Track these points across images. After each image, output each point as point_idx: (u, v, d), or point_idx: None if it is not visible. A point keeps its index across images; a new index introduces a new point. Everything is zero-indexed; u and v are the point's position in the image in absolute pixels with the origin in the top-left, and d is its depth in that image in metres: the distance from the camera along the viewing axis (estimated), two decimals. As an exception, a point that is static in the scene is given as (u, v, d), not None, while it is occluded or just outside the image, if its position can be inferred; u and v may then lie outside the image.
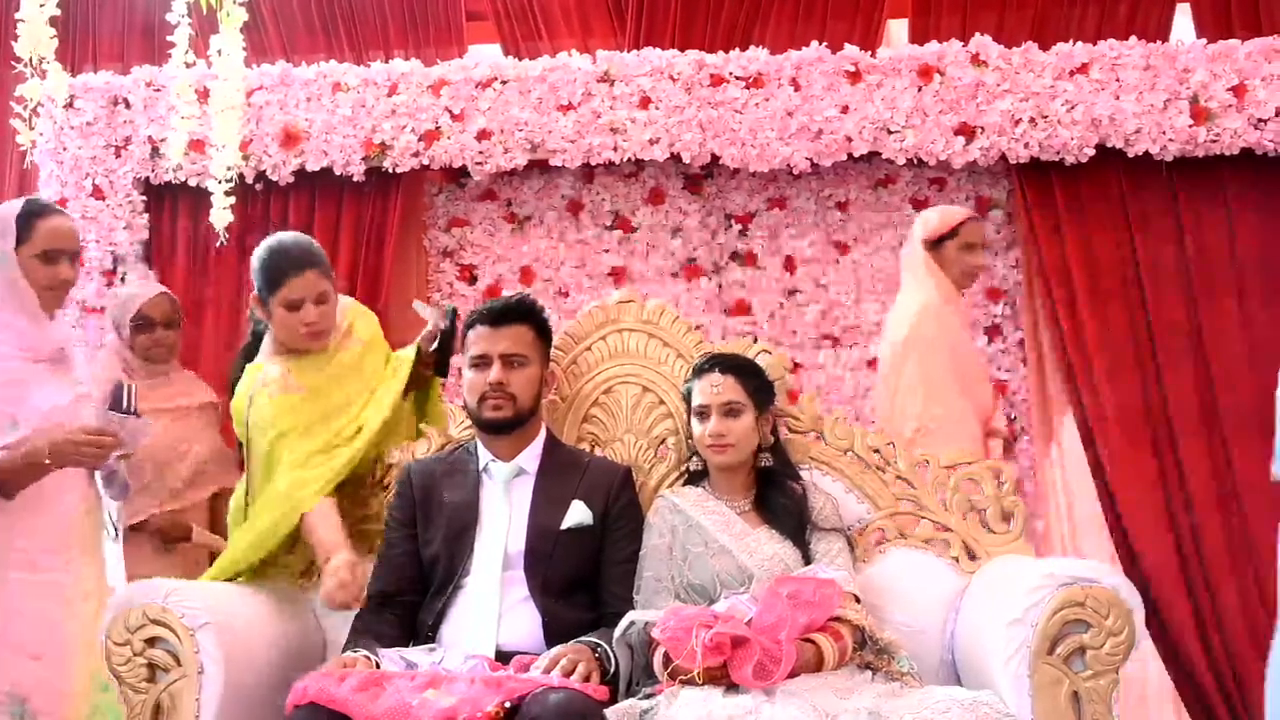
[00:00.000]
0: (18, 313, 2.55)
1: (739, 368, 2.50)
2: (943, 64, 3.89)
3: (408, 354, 2.80)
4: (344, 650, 2.28)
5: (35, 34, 2.61)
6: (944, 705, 2.00)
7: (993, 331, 4.09)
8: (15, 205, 2.62)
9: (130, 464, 2.88)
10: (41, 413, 2.50)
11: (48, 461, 2.42)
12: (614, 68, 3.92)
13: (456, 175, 4.21)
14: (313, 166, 3.94)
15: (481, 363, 2.46)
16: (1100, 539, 3.91)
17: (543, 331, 2.53)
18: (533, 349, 2.49)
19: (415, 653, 2.24)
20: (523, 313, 2.50)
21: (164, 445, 3.18)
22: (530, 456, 2.49)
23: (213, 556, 3.23)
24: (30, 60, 2.66)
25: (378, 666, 2.16)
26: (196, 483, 3.25)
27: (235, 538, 2.65)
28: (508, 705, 1.97)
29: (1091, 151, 3.83)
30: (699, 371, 2.52)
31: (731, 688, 2.07)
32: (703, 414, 2.46)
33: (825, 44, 3.94)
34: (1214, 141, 3.81)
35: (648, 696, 2.11)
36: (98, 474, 2.63)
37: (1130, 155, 3.85)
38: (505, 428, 2.46)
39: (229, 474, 3.27)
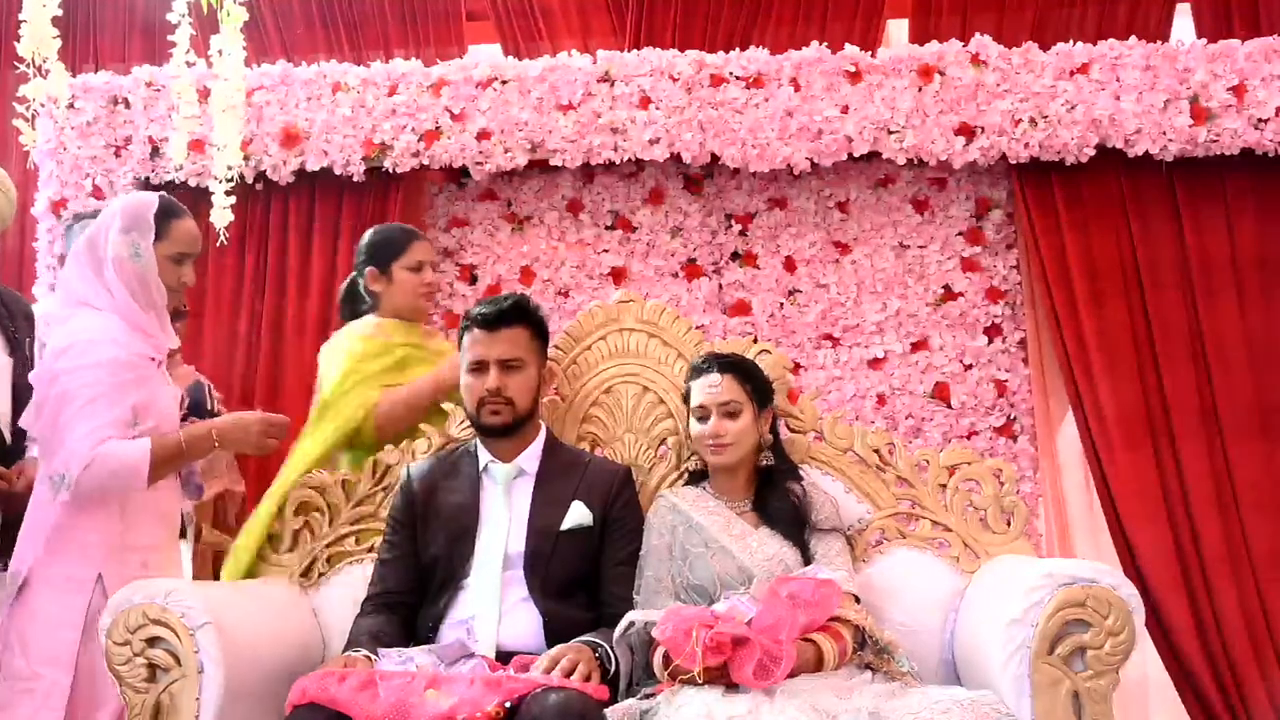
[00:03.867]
0: (148, 308, 2.57)
1: (737, 367, 2.50)
2: (943, 64, 3.89)
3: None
4: (344, 650, 2.29)
5: (38, 34, 2.62)
6: (944, 705, 2.00)
7: (993, 331, 4.09)
8: (151, 199, 2.61)
9: None
10: (157, 412, 2.54)
11: (216, 443, 2.55)
12: (614, 68, 3.92)
13: (456, 175, 4.21)
14: (313, 166, 3.94)
15: (478, 368, 2.46)
16: (1100, 539, 3.91)
17: (539, 331, 2.53)
18: (529, 351, 2.49)
19: (415, 653, 2.24)
20: (518, 315, 2.49)
21: None
22: (530, 457, 2.49)
23: (217, 555, 3.23)
24: (33, 60, 2.66)
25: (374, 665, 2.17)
26: (204, 481, 3.22)
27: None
28: (508, 705, 1.97)
29: (1091, 152, 3.83)
30: (697, 371, 2.52)
31: (731, 688, 2.07)
32: (702, 414, 2.47)
33: (825, 44, 3.94)
34: (1214, 141, 3.81)
35: (648, 696, 2.11)
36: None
37: (1130, 155, 3.85)
38: (504, 432, 2.46)
39: (233, 475, 3.27)
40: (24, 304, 3.09)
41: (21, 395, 2.86)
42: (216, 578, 3.18)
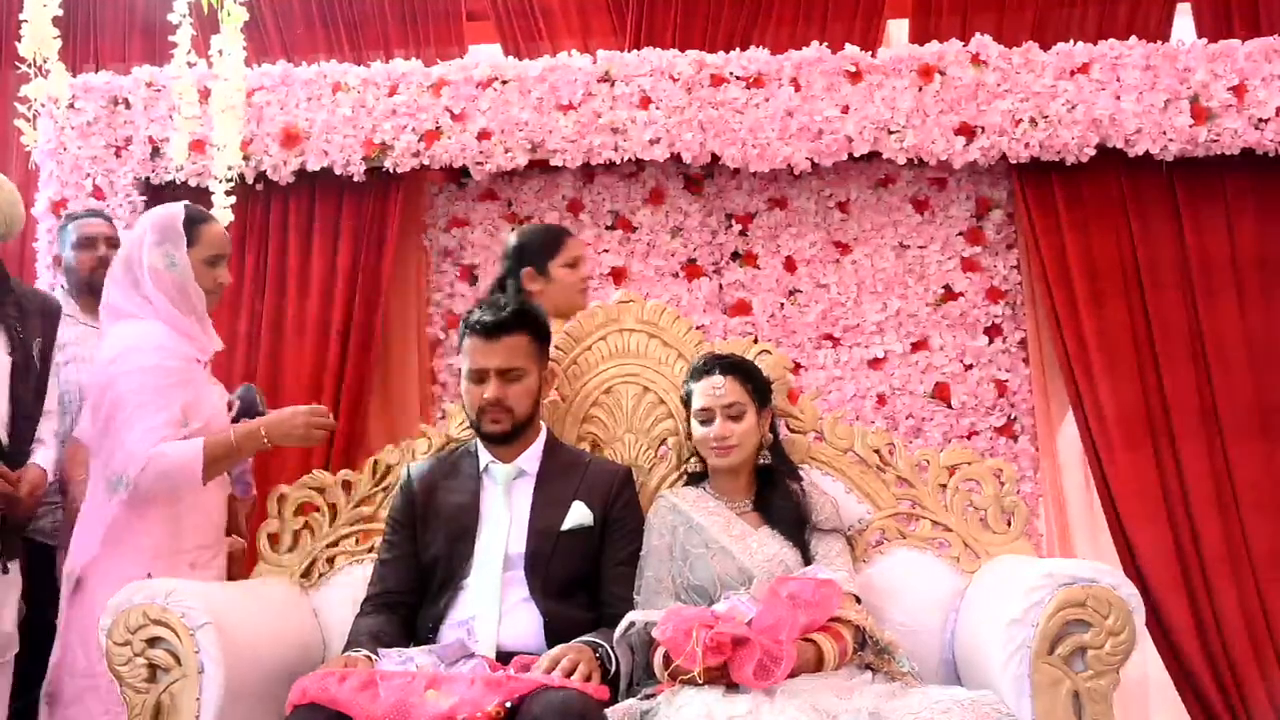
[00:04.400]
0: (189, 314, 2.68)
1: (739, 368, 2.50)
2: (943, 64, 3.89)
3: None
4: (344, 650, 2.29)
5: (39, 34, 2.62)
6: (944, 705, 2.00)
7: (993, 331, 4.09)
8: (177, 210, 2.71)
9: None
10: (205, 412, 2.63)
11: (265, 439, 2.60)
12: (614, 68, 3.92)
13: (457, 175, 4.21)
14: (313, 166, 3.94)
15: (478, 377, 2.44)
16: (1100, 539, 3.91)
17: (539, 336, 2.50)
18: (529, 359, 2.46)
19: (415, 653, 2.24)
20: (517, 322, 2.45)
21: None
22: (531, 458, 2.49)
23: (231, 557, 3.23)
24: (33, 60, 2.66)
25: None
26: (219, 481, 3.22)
27: None
28: (508, 705, 1.97)
29: (1092, 151, 3.84)
30: (698, 373, 2.51)
31: (732, 688, 2.07)
32: (705, 417, 2.46)
33: (825, 44, 3.95)
34: (1214, 141, 3.81)
35: (648, 697, 2.11)
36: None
37: (1130, 155, 3.85)
38: (504, 439, 2.46)
39: (242, 478, 3.27)
40: (43, 301, 3.07)
41: (20, 396, 2.86)
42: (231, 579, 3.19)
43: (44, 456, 2.92)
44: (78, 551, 2.59)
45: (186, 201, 2.77)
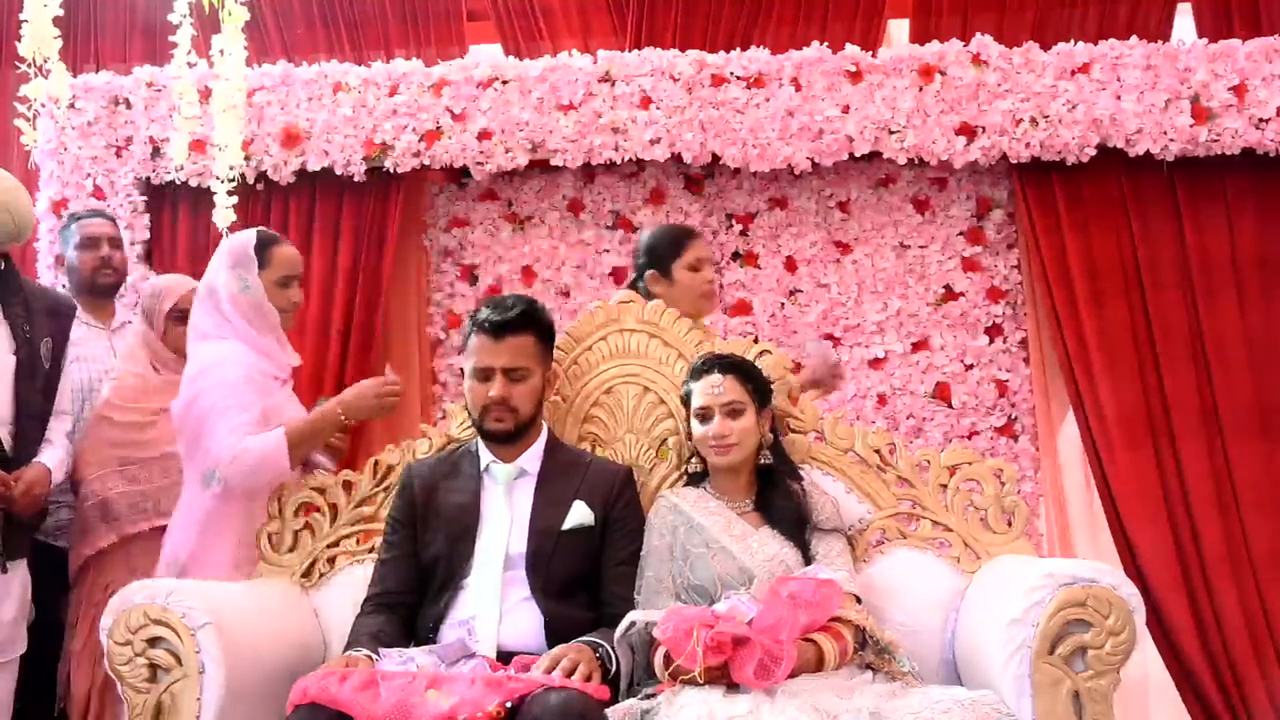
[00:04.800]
0: (265, 333, 2.85)
1: (738, 368, 2.50)
2: (943, 64, 3.89)
3: None
4: (344, 650, 2.29)
5: (39, 34, 2.62)
6: (944, 705, 2.00)
7: (993, 331, 4.09)
8: (249, 236, 2.91)
9: (159, 462, 3.07)
10: (285, 420, 2.76)
11: (343, 417, 2.79)
12: (615, 68, 3.92)
13: (457, 175, 4.21)
14: (314, 166, 3.94)
15: (484, 376, 2.44)
16: (1100, 538, 3.91)
17: (545, 337, 2.51)
18: (535, 359, 2.47)
19: (416, 653, 2.24)
20: (524, 322, 2.45)
21: None
22: (532, 458, 2.49)
23: None
24: (34, 60, 2.66)
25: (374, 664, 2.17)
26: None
27: None
28: (508, 705, 1.97)
29: (1092, 151, 3.84)
30: (698, 373, 2.51)
31: (732, 688, 2.07)
32: (705, 415, 2.46)
33: (826, 44, 3.95)
34: (1215, 141, 3.81)
35: (649, 696, 2.11)
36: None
37: (1131, 155, 3.85)
38: (507, 438, 2.46)
39: None
40: (54, 301, 3.08)
41: (25, 395, 2.86)
42: None
43: (50, 456, 2.92)
44: (177, 545, 2.77)
45: (261, 227, 2.96)
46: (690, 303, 3.11)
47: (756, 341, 2.78)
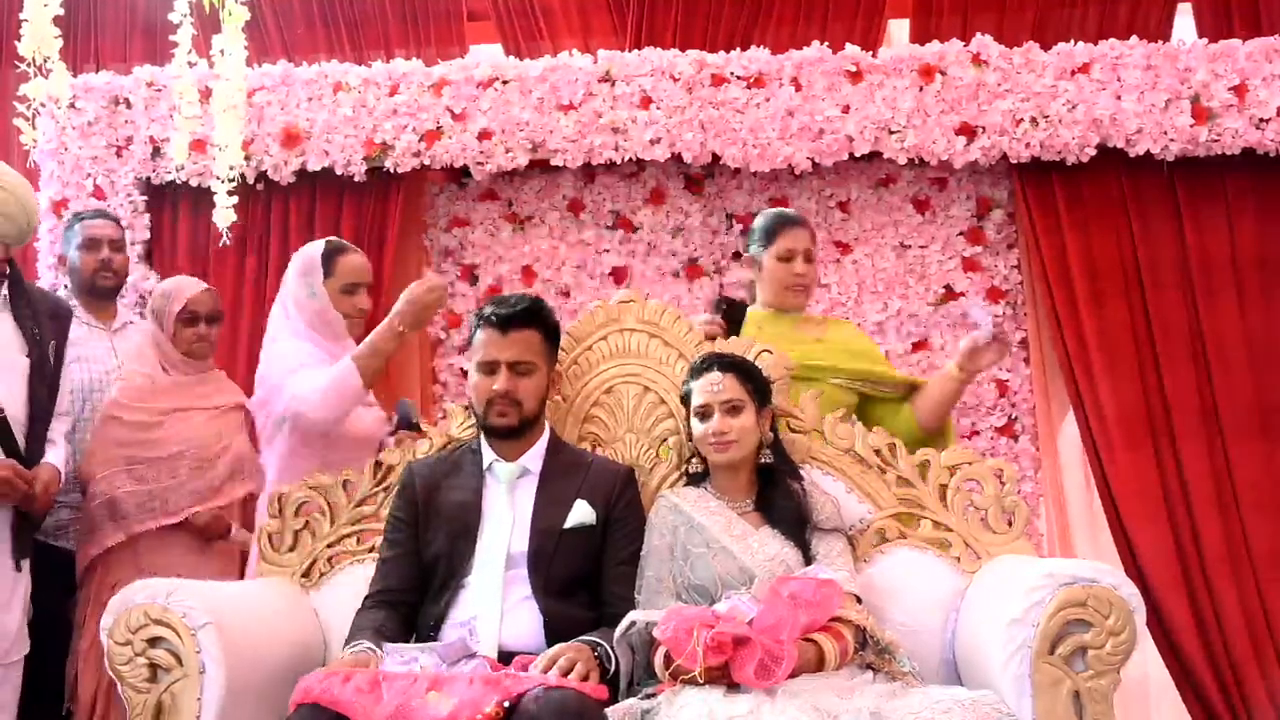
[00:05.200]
0: (331, 339, 3.02)
1: (737, 366, 2.51)
2: (944, 64, 3.89)
3: None
4: (345, 644, 2.29)
5: (39, 33, 2.62)
6: (945, 705, 2.00)
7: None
8: (318, 245, 3.10)
9: (166, 462, 3.11)
10: (356, 437, 2.97)
11: (400, 327, 2.93)
12: (615, 68, 3.92)
13: (457, 175, 4.21)
14: (314, 166, 3.94)
15: (489, 369, 2.45)
16: (1100, 538, 3.91)
17: (550, 335, 2.52)
18: (540, 355, 2.48)
19: (418, 652, 2.23)
20: (531, 318, 2.47)
21: (203, 442, 3.18)
22: (534, 457, 2.49)
23: (244, 556, 3.24)
24: (34, 60, 2.66)
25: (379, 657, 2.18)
26: (233, 480, 3.23)
27: None
28: (506, 705, 1.97)
29: (1093, 151, 3.84)
30: (697, 371, 2.52)
31: (733, 688, 2.07)
32: (704, 413, 2.47)
33: (826, 44, 3.95)
34: (1215, 141, 3.81)
35: (649, 696, 2.12)
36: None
37: (1131, 155, 3.85)
38: (511, 434, 2.46)
39: (258, 477, 3.28)
40: (54, 304, 3.09)
41: (38, 396, 2.87)
42: (242, 576, 3.20)
43: (55, 456, 2.94)
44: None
45: (332, 237, 3.14)
46: (775, 293, 3.05)
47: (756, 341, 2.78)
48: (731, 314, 3.01)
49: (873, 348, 3.24)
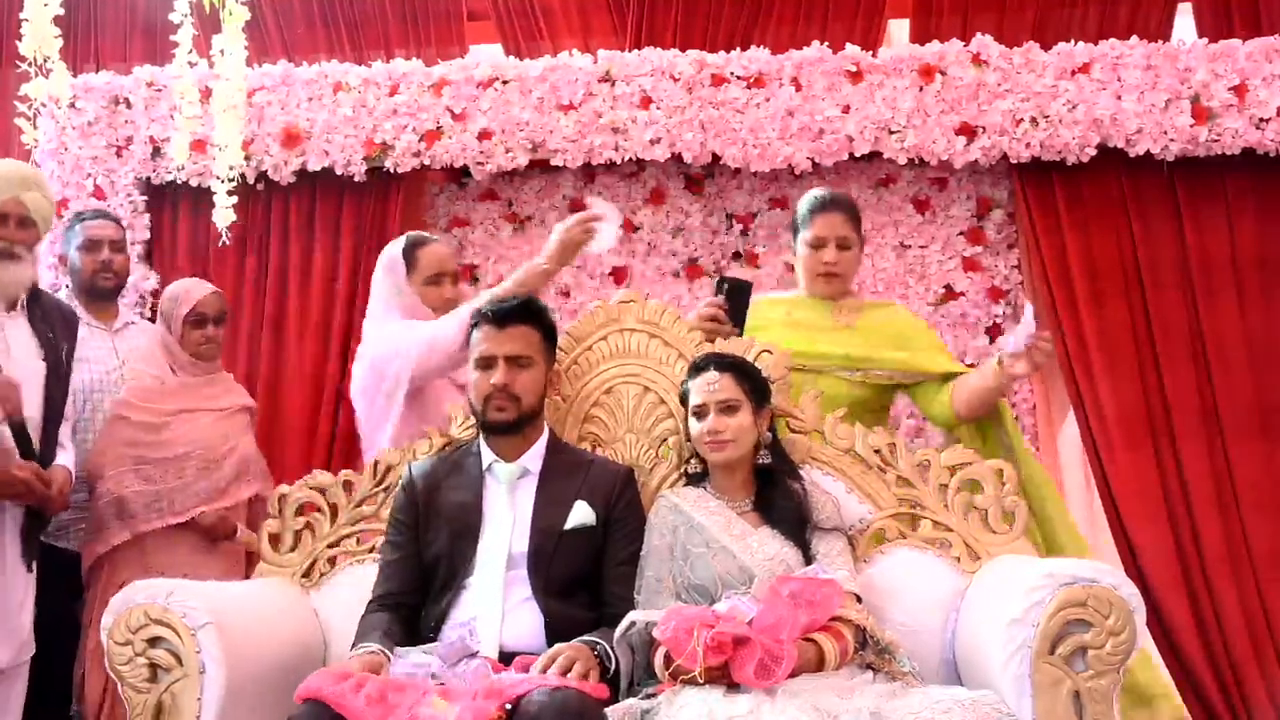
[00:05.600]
0: None
1: (734, 366, 2.51)
2: (944, 64, 3.89)
3: None
4: (354, 645, 2.28)
5: (39, 33, 2.62)
6: (945, 705, 2.00)
7: (994, 331, 4.09)
8: (399, 242, 3.05)
9: (173, 462, 3.11)
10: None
11: (547, 266, 2.86)
12: (615, 68, 3.92)
13: (457, 175, 4.21)
14: (314, 166, 3.94)
15: (486, 364, 2.46)
16: (1101, 538, 3.91)
17: (547, 332, 2.53)
18: (538, 350, 2.49)
19: (421, 654, 2.23)
20: (528, 314, 2.50)
21: (209, 443, 3.20)
22: (534, 457, 2.49)
23: (250, 556, 3.25)
24: (34, 59, 2.66)
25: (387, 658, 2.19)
26: (239, 481, 3.24)
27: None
28: (507, 708, 1.97)
29: (1093, 151, 3.84)
30: (695, 371, 2.52)
31: (733, 687, 2.07)
32: (700, 412, 2.47)
33: (826, 44, 3.95)
34: (1215, 141, 3.81)
35: (649, 696, 2.12)
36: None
37: (1131, 155, 3.85)
38: (509, 429, 2.46)
39: (265, 479, 3.29)
40: (59, 307, 3.11)
41: (54, 398, 2.89)
42: (248, 577, 3.20)
43: (66, 458, 2.96)
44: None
45: (412, 231, 3.09)
46: (807, 281, 3.00)
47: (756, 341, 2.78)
48: (733, 294, 2.91)
49: (915, 333, 3.07)
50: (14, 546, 2.82)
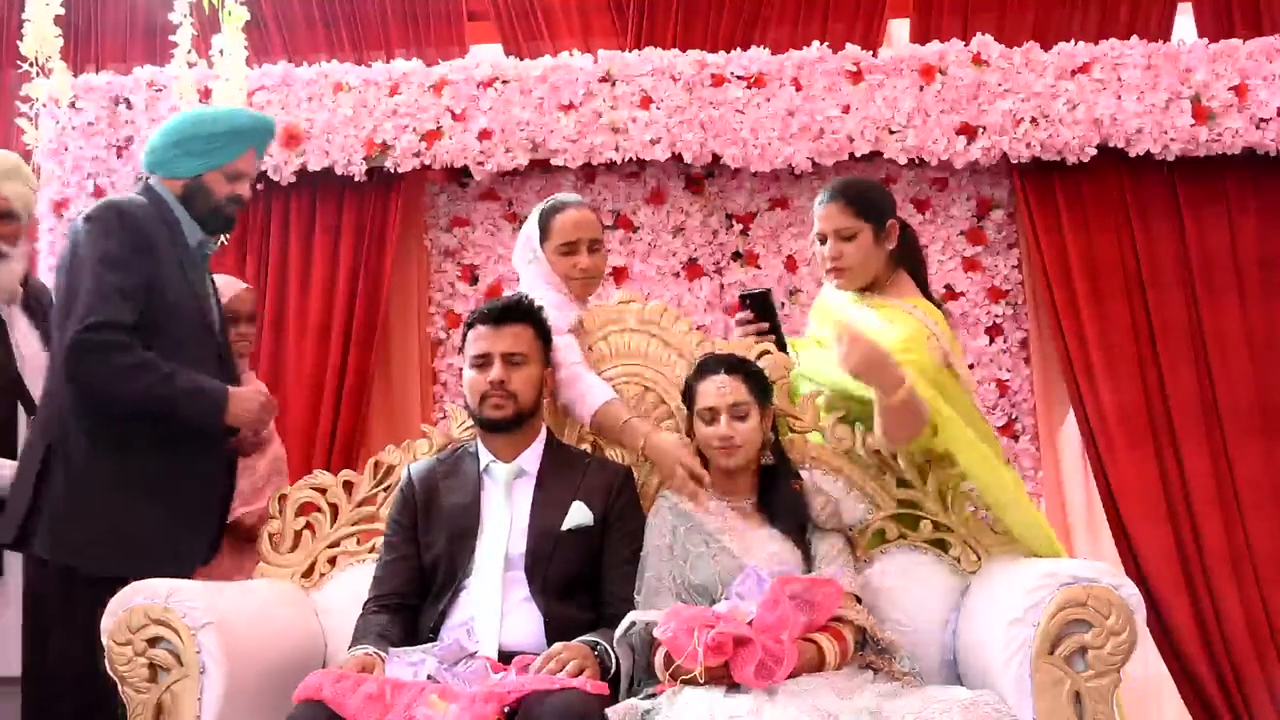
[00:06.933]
0: (554, 306, 2.69)
1: (743, 368, 2.50)
2: (944, 64, 3.89)
3: None
4: (351, 646, 2.29)
5: (40, 34, 2.63)
6: (945, 705, 2.00)
7: (994, 331, 4.09)
8: (536, 208, 2.86)
9: None
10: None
11: (642, 442, 2.61)
12: (615, 68, 3.92)
13: (458, 175, 4.21)
14: (314, 166, 3.94)
15: (482, 362, 2.46)
16: (1101, 538, 3.91)
17: (542, 331, 2.53)
18: (533, 348, 2.49)
19: (421, 655, 2.23)
20: (523, 313, 2.51)
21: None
22: (531, 457, 2.49)
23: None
24: (35, 60, 2.67)
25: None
26: (272, 480, 3.20)
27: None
28: (506, 710, 1.97)
29: (1093, 151, 3.83)
30: (703, 373, 2.51)
31: (733, 688, 2.07)
32: (711, 416, 2.46)
33: (826, 44, 3.95)
34: (1215, 141, 3.81)
35: (649, 697, 2.12)
36: None
37: (1131, 155, 3.85)
38: (506, 427, 2.46)
39: (286, 477, 3.27)
40: (48, 295, 3.09)
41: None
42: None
43: None
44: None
45: (553, 196, 2.90)
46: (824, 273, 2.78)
47: (757, 341, 2.78)
48: (757, 304, 2.84)
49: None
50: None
